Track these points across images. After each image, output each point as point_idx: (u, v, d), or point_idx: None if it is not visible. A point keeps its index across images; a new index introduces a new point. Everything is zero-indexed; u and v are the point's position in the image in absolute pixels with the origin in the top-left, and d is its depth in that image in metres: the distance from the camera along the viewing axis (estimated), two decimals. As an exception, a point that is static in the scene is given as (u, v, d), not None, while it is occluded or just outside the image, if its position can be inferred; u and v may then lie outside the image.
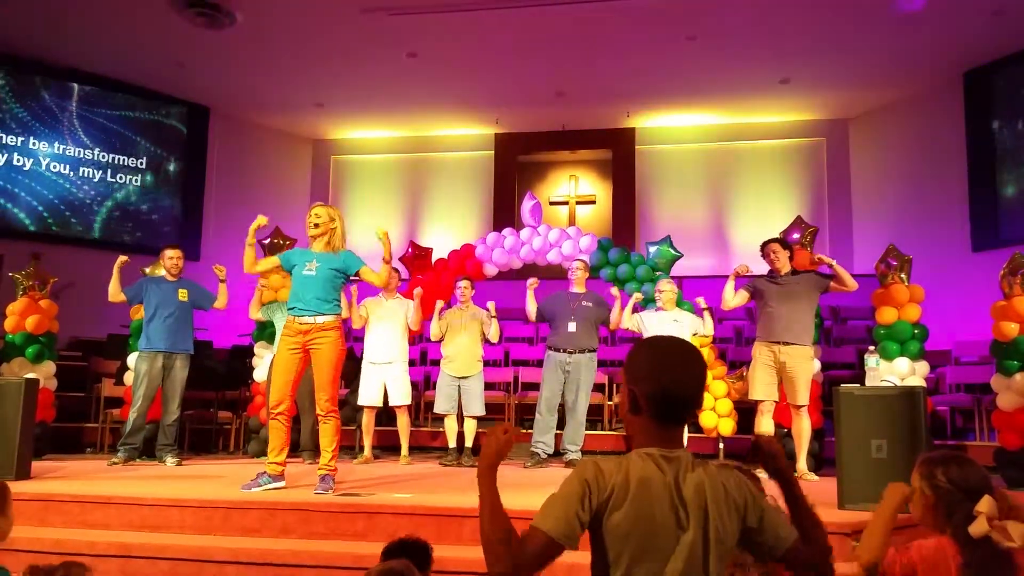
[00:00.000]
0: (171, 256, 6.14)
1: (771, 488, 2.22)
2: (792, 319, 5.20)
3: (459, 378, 6.18)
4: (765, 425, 5.31)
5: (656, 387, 1.47)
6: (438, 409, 6.24)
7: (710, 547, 1.41)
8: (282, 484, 4.29)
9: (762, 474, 2.01)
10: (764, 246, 5.49)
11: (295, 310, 4.38)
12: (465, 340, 6.20)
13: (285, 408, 4.38)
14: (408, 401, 6.19)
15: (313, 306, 4.34)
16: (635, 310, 6.20)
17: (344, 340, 4.49)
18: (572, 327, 5.99)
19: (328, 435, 4.36)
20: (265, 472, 4.30)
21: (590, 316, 6.05)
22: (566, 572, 2.50)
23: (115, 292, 5.94)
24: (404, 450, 6.19)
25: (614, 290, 6.27)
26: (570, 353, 5.98)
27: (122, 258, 5.91)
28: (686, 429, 1.64)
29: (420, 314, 6.30)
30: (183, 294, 6.06)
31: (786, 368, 5.19)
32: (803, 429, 5.24)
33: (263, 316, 6.55)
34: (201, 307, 6.20)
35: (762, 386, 5.26)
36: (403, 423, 6.20)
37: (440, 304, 6.38)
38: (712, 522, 1.42)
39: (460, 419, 6.30)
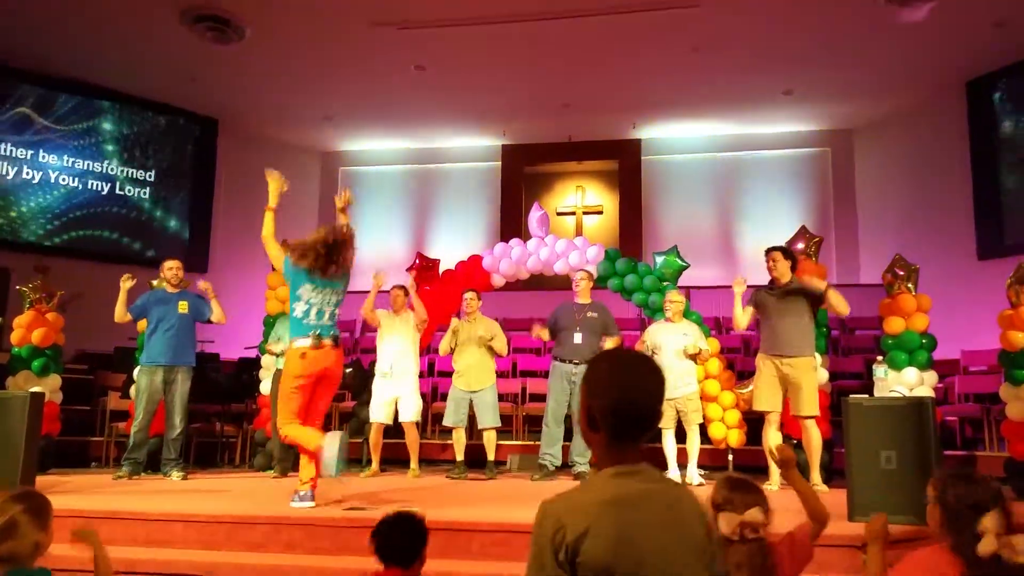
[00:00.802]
0: (170, 267, 6.10)
1: (775, 501, 2.21)
2: (792, 331, 5.17)
3: (470, 392, 6.16)
4: (772, 436, 5.27)
5: (611, 402, 1.42)
6: (447, 422, 6.21)
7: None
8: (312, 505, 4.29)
9: (770, 486, 2.00)
10: (767, 253, 5.48)
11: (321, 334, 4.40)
12: (475, 353, 6.18)
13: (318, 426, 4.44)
14: (418, 417, 6.18)
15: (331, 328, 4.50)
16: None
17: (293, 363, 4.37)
18: (578, 338, 5.97)
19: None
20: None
21: (595, 327, 6.02)
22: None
23: (121, 313, 5.91)
24: (414, 464, 6.17)
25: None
26: (576, 364, 5.95)
27: (126, 279, 5.86)
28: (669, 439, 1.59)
29: (424, 311, 6.31)
30: (183, 306, 6.01)
31: (790, 380, 5.15)
32: (813, 440, 5.16)
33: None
34: (202, 319, 6.15)
35: (767, 398, 5.24)
36: (412, 437, 6.18)
37: (455, 323, 6.37)
38: (679, 538, 1.36)
39: (469, 432, 6.28)
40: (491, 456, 6.19)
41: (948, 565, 1.82)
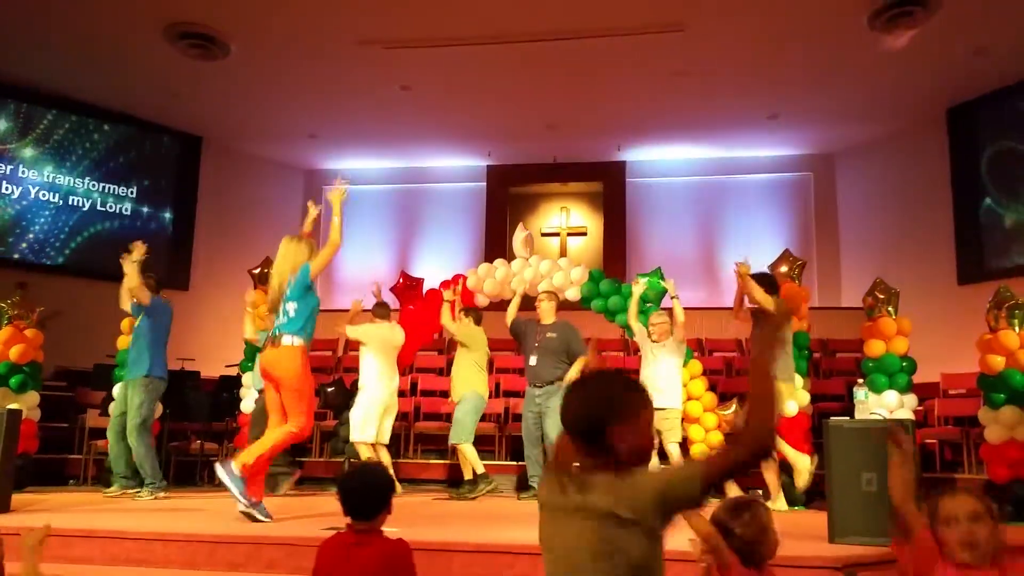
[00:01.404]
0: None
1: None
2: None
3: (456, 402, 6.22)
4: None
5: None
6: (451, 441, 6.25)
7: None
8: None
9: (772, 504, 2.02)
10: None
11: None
12: (460, 362, 6.25)
13: None
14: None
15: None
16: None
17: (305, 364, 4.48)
18: (533, 360, 6.02)
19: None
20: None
21: (555, 347, 6.02)
22: None
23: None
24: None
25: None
26: (537, 387, 5.99)
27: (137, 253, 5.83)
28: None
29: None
30: (138, 319, 5.96)
31: None
32: (787, 452, 5.33)
33: (259, 340, 6.52)
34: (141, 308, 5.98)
35: None
36: (386, 456, 6.20)
37: (447, 303, 6.41)
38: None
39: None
40: (467, 475, 6.08)
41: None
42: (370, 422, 6.15)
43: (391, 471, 6.09)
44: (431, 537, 3.79)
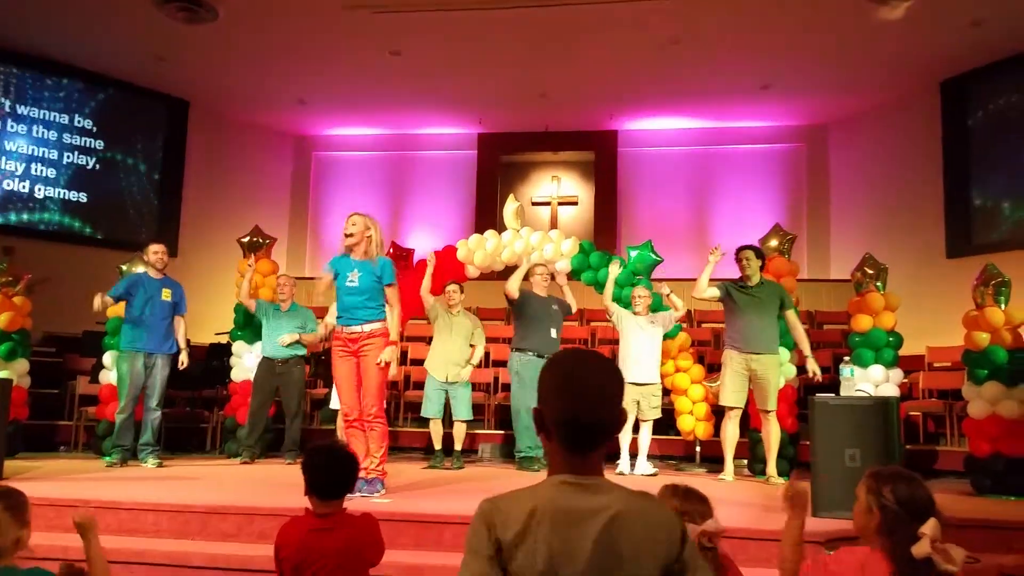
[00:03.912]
0: (156, 251, 6.01)
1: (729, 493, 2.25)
2: (763, 329, 5.43)
3: (447, 384, 6.20)
4: (731, 430, 5.52)
5: (561, 411, 1.31)
6: (425, 413, 6.25)
7: None
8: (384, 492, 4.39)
9: (724, 477, 2.02)
10: (738, 251, 5.62)
11: (343, 319, 4.49)
12: (453, 345, 6.22)
13: (357, 416, 4.46)
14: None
15: (360, 316, 4.44)
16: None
17: (389, 343, 4.53)
18: (553, 333, 6.08)
19: (375, 440, 4.43)
20: (372, 478, 4.36)
21: (560, 321, 6.24)
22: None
23: (103, 305, 5.77)
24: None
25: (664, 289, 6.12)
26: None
27: (99, 300, 5.63)
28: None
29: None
30: (167, 294, 5.97)
31: (757, 375, 5.40)
32: (773, 434, 5.46)
33: (253, 306, 6.49)
34: (180, 311, 6.12)
35: (733, 393, 5.47)
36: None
37: (437, 308, 6.36)
38: (620, 560, 1.25)
39: (446, 421, 6.34)
40: (459, 447, 6.26)
41: (878, 567, 1.83)
42: None
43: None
44: (423, 509, 3.86)
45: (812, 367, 5.43)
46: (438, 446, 6.24)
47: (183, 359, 5.96)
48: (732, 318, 5.55)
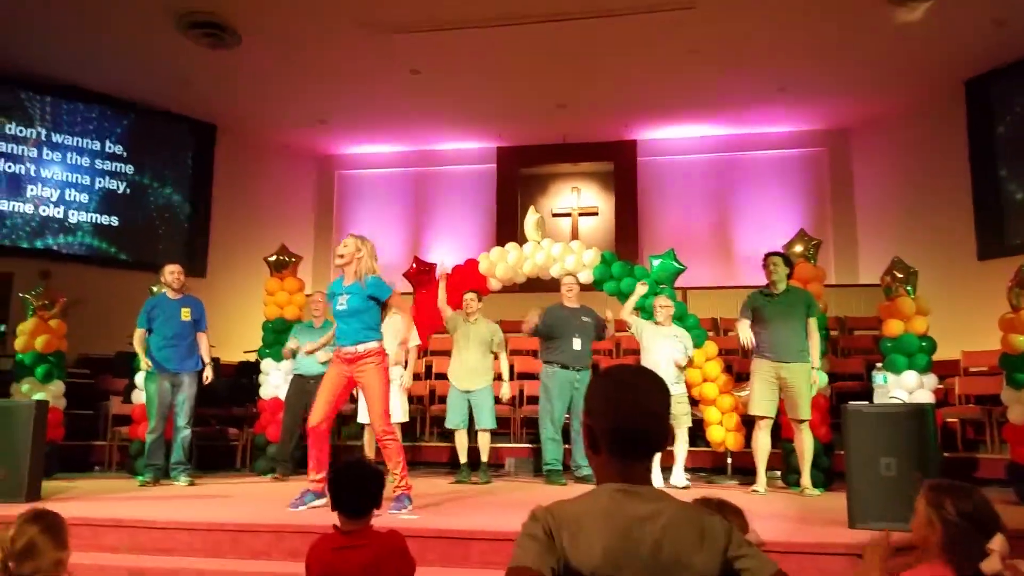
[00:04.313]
0: (172, 271, 6.05)
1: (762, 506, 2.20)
2: (792, 337, 5.33)
3: (467, 392, 6.19)
4: (763, 440, 5.38)
5: (611, 422, 1.36)
6: (449, 424, 6.25)
7: None
8: (324, 501, 4.38)
9: (756, 489, 1.97)
10: (766, 257, 5.56)
11: (339, 340, 4.54)
12: (475, 354, 6.22)
13: (324, 427, 4.49)
14: (404, 418, 6.20)
15: (352, 337, 4.46)
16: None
17: (386, 363, 4.58)
18: (577, 344, 6.03)
19: (391, 457, 4.45)
20: (309, 490, 4.44)
21: (590, 332, 6.13)
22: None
23: (141, 342, 5.93)
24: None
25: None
26: (578, 371, 6.01)
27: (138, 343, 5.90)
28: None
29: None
30: (186, 313, 5.99)
31: (787, 383, 5.28)
32: (806, 444, 5.32)
33: (447, 313, 6.52)
34: (200, 327, 6.12)
35: (763, 402, 5.36)
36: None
37: (456, 319, 6.37)
38: (677, 562, 1.28)
39: (471, 434, 6.31)
40: (485, 458, 6.22)
41: None
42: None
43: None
44: (450, 525, 3.84)
45: (815, 377, 5.34)
46: (463, 459, 6.22)
47: (207, 374, 6.02)
48: (759, 327, 5.47)
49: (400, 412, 6.11)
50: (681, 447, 5.78)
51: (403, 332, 6.10)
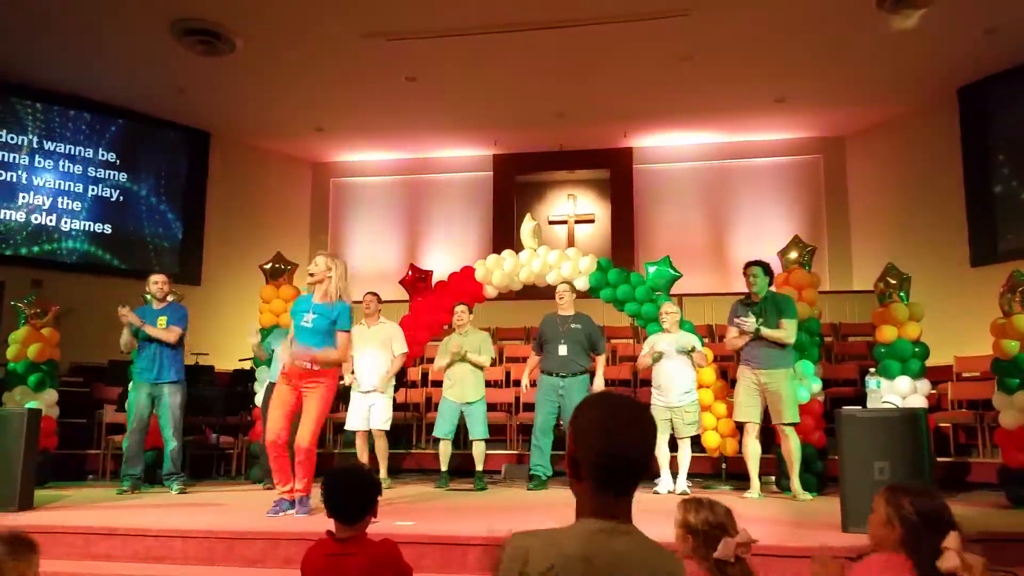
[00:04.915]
0: (155, 281, 6.02)
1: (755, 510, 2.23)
2: (771, 345, 5.36)
3: (462, 404, 6.21)
4: (752, 446, 5.45)
5: (598, 451, 1.31)
6: (437, 433, 6.25)
7: None
8: (296, 511, 4.48)
9: (750, 495, 2.00)
10: (746, 267, 5.60)
11: (295, 357, 4.55)
12: (466, 365, 6.23)
13: (283, 439, 4.54)
14: (387, 426, 6.18)
15: (307, 355, 4.51)
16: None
17: (335, 386, 4.69)
18: (563, 350, 6.06)
19: (303, 468, 4.53)
20: (284, 499, 4.53)
21: (580, 338, 6.12)
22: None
23: (129, 343, 5.92)
24: (383, 472, 6.18)
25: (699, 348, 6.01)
26: (563, 377, 6.04)
27: (123, 312, 5.80)
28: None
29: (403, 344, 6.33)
30: (162, 321, 5.93)
31: (768, 389, 5.36)
32: (792, 449, 5.38)
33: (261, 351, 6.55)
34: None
35: (745, 408, 5.43)
36: (381, 446, 6.19)
37: (448, 339, 6.40)
38: None
39: (456, 442, 6.37)
40: (480, 467, 6.26)
41: (902, 571, 1.84)
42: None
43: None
44: (446, 531, 3.84)
45: (779, 336, 5.33)
46: (444, 467, 6.25)
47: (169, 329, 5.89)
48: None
49: (383, 420, 6.14)
50: (685, 455, 5.80)
51: (396, 342, 6.17)
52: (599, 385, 6.11)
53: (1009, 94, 8.72)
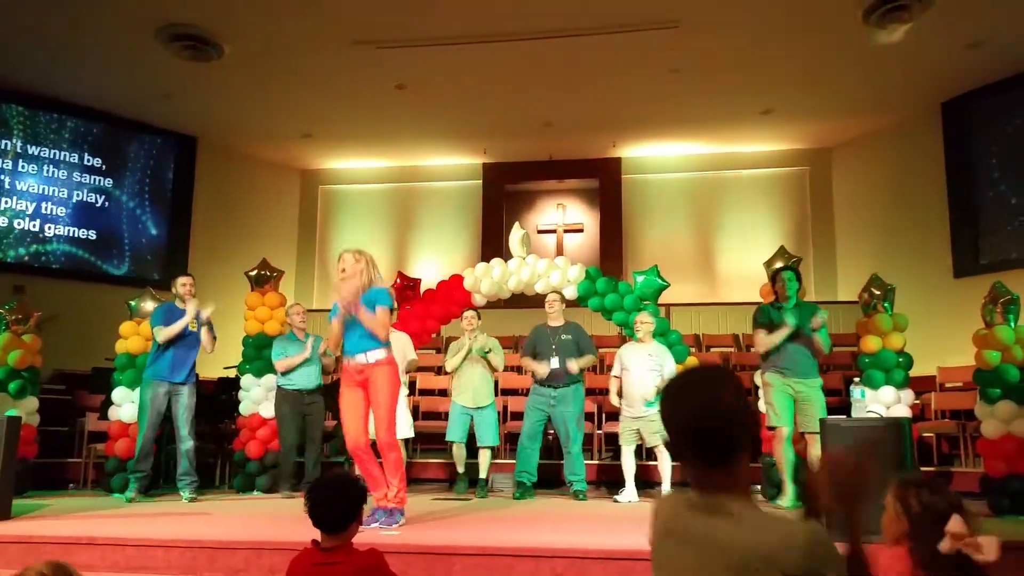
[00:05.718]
0: (184, 283, 6.05)
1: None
2: (802, 353, 5.33)
3: (473, 408, 6.22)
4: (787, 452, 5.35)
5: (675, 425, 1.36)
6: (450, 437, 6.29)
7: None
8: (391, 518, 4.36)
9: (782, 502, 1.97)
10: (776, 273, 5.62)
11: (347, 353, 4.46)
12: (477, 370, 6.25)
13: (364, 443, 4.39)
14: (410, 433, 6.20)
15: (359, 346, 4.41)
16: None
17: (397, 373, 4.52)
18: (555, 363, 6.07)
19: (391, 468, 4.39)
20: (378, 508, 4.35)
21: (569, 349, 6.13)
22: None
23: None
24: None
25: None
26: (555, 388, 6.05)
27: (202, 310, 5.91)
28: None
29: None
30: (193, 324, 5.98)
31: (803, 397, 5.31)
32: (817, 455, 5.30)
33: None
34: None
35: (784, 412, 5.30)
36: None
37: (464, 339, 6.41)
38: None
39: (470, 451, 6.38)
40: (484, 474, 6.26)
41: (900, 562, 1.87)
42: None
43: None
44: (431, 540, 3.82)
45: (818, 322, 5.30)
46: (461, 469, 6.26)
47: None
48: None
49: (406, 427, 6.12)
50: (665, 463, 5.81)
51: (407, 349, 6.18)
52: (572, 367, 6.03)
53: (991, 108, 8.84)
